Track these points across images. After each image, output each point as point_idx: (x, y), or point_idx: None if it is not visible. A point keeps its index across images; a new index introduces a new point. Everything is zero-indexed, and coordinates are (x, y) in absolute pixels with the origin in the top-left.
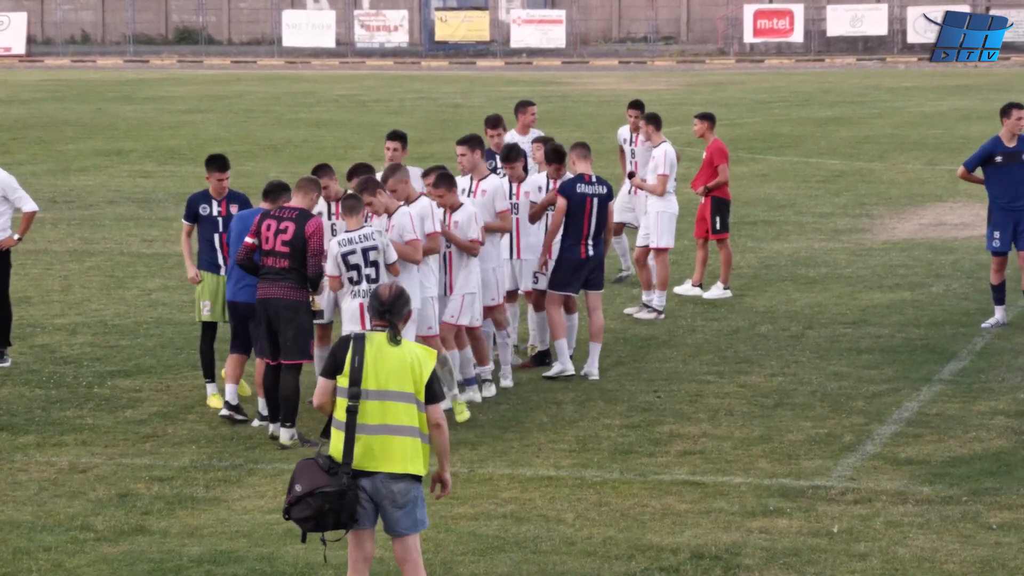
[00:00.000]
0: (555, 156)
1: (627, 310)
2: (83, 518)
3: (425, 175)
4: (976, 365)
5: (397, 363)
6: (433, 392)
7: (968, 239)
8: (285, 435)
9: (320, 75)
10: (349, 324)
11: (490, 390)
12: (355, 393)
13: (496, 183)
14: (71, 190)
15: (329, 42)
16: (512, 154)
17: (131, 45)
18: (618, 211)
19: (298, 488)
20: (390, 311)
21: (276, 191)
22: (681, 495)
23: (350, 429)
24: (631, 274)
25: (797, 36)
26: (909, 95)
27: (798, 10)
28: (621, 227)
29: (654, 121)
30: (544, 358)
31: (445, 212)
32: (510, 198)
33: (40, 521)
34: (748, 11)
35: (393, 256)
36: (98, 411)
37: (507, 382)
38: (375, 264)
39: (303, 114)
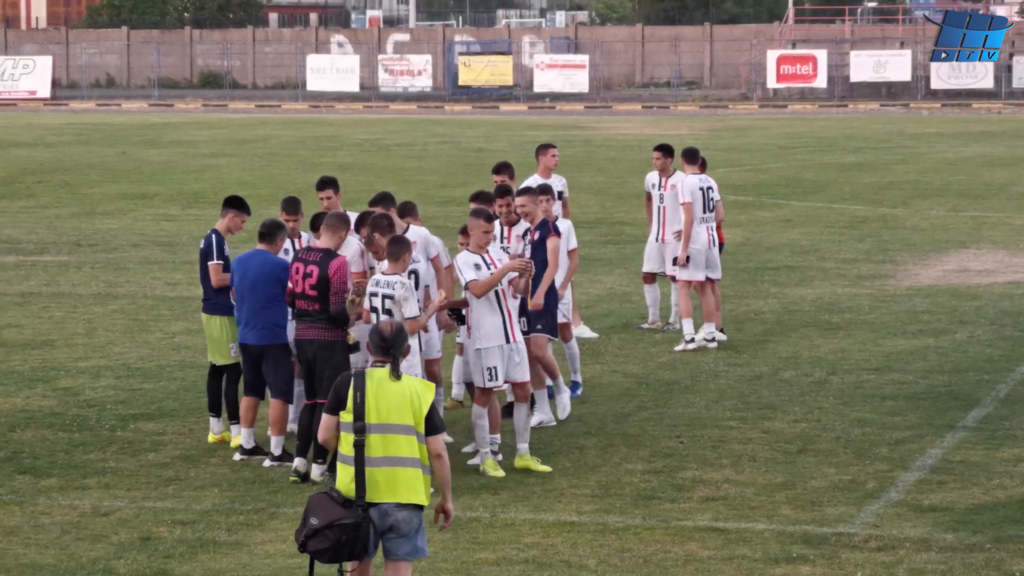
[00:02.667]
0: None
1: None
2: (105, 561)
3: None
4: (1000, 412)
5: (397, 397)
6: (433, 424)
7: (992, 285)
8: (316, 471)
9: (344, 119)
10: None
11: None
12: (360, 428)
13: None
14: (95, 233)
15: (353, 86)
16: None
17: (156, 89)
18: (647, 260)
19: (314, 521)
20: (393, 346)
21: (271, 232)
22: (704, 541)
23: (359, 463)
24: (655, 327)
25: (820, 81)
26: (932, 141)
27: (821, 56)
28: (653, 277)
29: (684, 155)
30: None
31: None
32: (501, 241)
33: (63, 564)
34: (771, 56)
35: (412, 311)
36: (121, 454)
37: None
38: (389, 313)
39: (327, 158)
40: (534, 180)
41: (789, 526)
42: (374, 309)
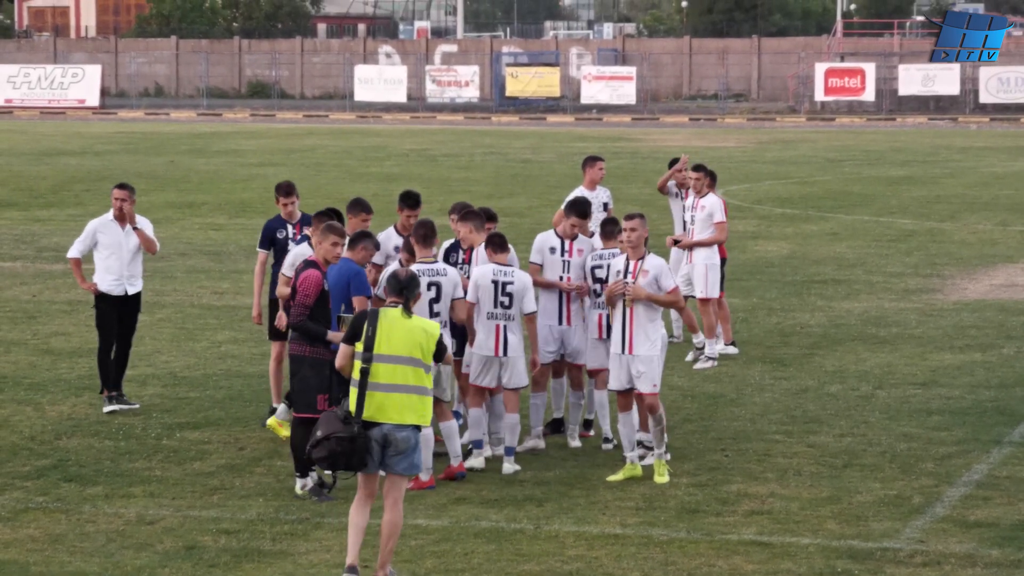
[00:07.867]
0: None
1: (690, 359)
2: (150, 570)
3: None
4: None
5: (407, 333)
6: (440, 351)
7: None
8: (298, 484)
9: (391, 129)
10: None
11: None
12: (367, 357)
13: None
14: None
15: (400, 97)
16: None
17: (204, 98)
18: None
19: (319, 432)
20: (407, 289)
21: (353, 241)
22: (748, 555)
23: (363, 387)
24: (678, 341)
25: (868, 95)
26: (981, 155)
27: (870, 69)
28: None
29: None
30: (559, 425)
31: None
32: (562, 255)
33: (107, 573)
34: (819, 69)
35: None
36: (166, 463)
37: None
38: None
39: (374, 168)
40: (580, 192)
41: (834, 541)
42: (599, 280)
